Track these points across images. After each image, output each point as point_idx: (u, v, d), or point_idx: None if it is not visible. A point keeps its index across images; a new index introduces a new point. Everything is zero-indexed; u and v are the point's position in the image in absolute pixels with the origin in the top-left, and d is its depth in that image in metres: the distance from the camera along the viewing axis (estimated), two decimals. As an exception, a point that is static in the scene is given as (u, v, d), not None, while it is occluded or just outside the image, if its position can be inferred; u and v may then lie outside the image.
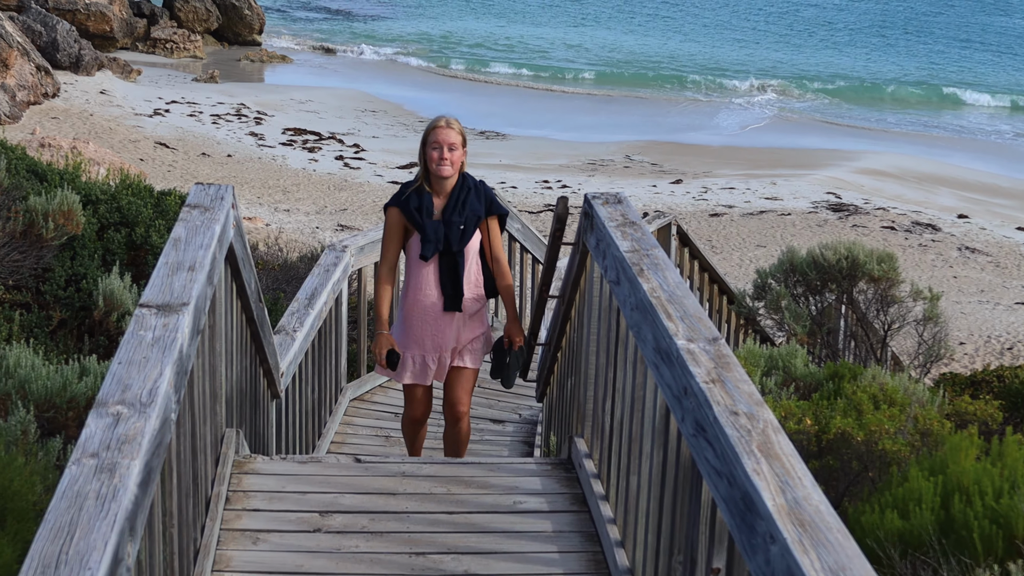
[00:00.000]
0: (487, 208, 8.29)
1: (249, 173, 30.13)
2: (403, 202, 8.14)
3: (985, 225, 29.07)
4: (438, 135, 8.06)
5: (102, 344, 9.35)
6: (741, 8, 61.95)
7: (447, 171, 8.05)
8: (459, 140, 8.13)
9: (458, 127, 8.20)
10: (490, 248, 8.38)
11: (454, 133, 8.10)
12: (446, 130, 8.08)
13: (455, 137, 8.10)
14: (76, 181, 11.59)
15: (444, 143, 8.04)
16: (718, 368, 4.24)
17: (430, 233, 8.06)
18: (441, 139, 8.04)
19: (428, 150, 8.08)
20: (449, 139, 8.05)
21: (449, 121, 8.17)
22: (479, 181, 8.43)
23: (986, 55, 54.09)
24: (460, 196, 8.15)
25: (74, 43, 38.81)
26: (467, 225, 8.15)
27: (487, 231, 8.34)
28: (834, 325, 13.04)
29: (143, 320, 4.35)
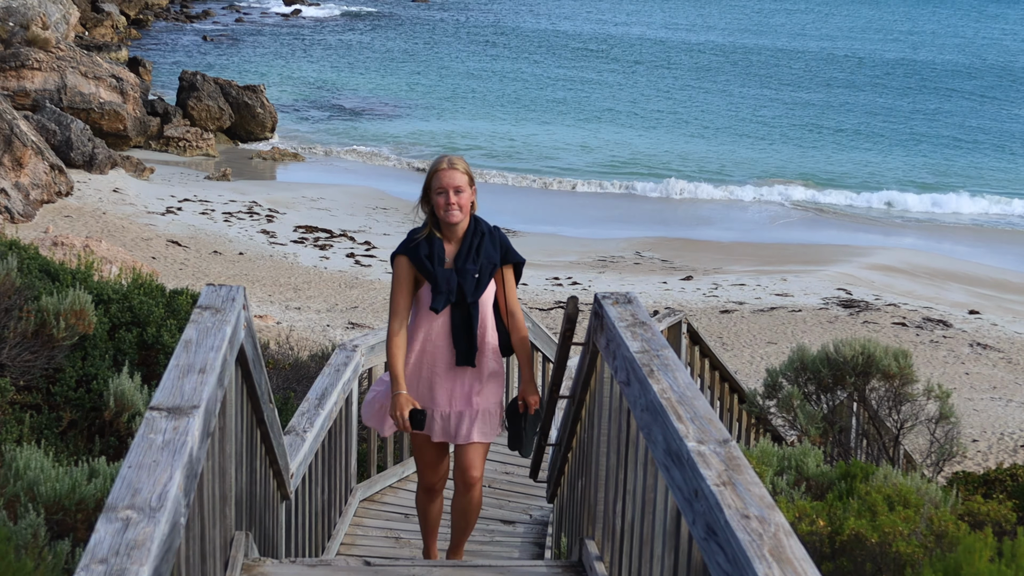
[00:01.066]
0: (503, 256, 7.80)
1: (260, 271, 30.22)
2: (412, 249, 7.63)
3: (996, 321, 29.03)
4: (442, 179, 7.59)
5: (112, 445, 9.34)
6: (747, 107, 62.33)
7: (456, 217, 7.58)
8: (466, 180, 7.65)
9: (463, 166, 7.70)
10: (505, 300, 7.87)
11: (459, 174, 7.62)
12: (450, 172, 7.59)
13: (461, 178, 7.62)
14: (88, 280, 11.63)
15: (450, 187, 7.56)
16: (729, 470, 4.23)
17: (442, 283, 7.57)
18: (446, 183, 7.56)
19: (433, 196, 7.63)
20: (455, 182, 7.57)
21: (452, 161, 7.67)
22: (493, 227, 7.89)
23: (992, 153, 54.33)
24: (474, 242, 7.68)
25: (88, 142, 39.11)
26: (482, 274, 7.65)
27: (502, 281, 7.84)
28: (846, 423, 12.99)
29: (153, 423, 4.35)
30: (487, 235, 7.75)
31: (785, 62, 78.50)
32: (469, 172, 7.72)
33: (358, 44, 79.05)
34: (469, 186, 7.67)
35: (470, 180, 7.69)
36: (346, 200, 39.63)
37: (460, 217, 7.61)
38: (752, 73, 73.46)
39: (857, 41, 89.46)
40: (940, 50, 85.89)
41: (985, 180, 48.16)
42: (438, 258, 7.59)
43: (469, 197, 7.66)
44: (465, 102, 61.06)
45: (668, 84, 68.74)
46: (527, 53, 78.86)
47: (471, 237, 7.68)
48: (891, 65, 78.42)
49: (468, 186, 7.65)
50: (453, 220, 7.58)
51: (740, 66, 76.00)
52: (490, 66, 72.98)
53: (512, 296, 7.93)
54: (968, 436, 20.08)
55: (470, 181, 7.69)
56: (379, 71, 68.69)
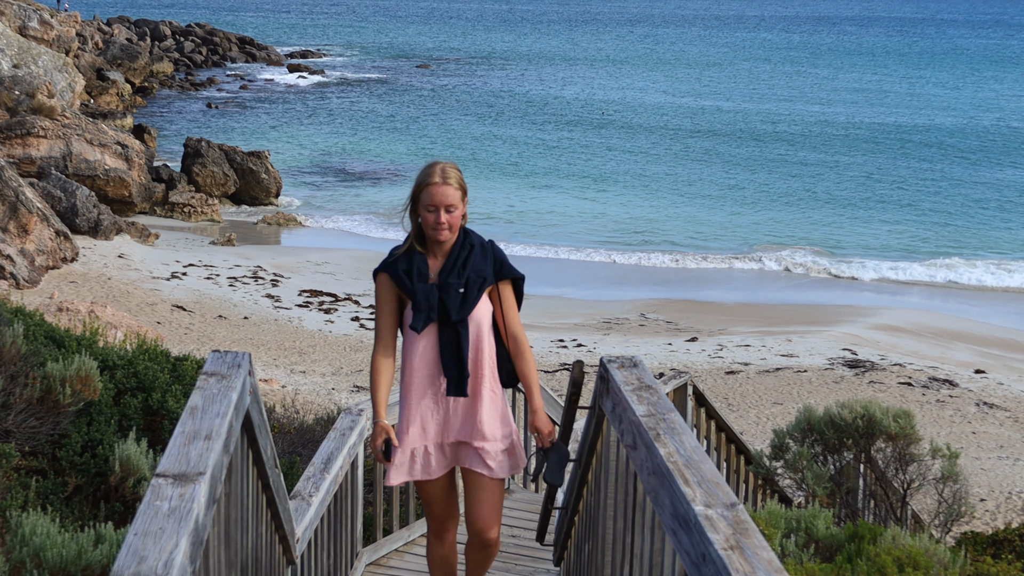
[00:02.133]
0: (496, 270, 7.08)
1: (265, 335, 30.25)
2: (391, 265, 6.99)
3: (1003, 380, 28.99)
4: (433, 195, 6.88)
5: (118, 510, 9.32)
6: (746, 173, 62.56)
7: (446, 236, 6.92)
8: (459, 196, 6.94)
9: (456, 178, 6.96)
10: (504, 321, 7.13)
11: (452, 190, 6.90)
12: (443, 187, 6.87)
13: (454, 195, 6.92)
14: (93, 346, 11.65)
15: (441, 204, 6.87)
16: (736, 534, 4.22)
17: (421, 299, 6.88)
18: (438, 200, 6.86)
19: (421, 211, 6.92)
20: (447, 199, 6.88)
21: (446, 172, 6.95)
22: (488, 240, 7.18)
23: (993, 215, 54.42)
24: (460, 255, 6.99)
25: (93, 208, 39.26)
26: (469, 289, 6.94)
27: (499, 300, 7.11)
28: (853, 484, 12.95)
29: (159, 490, 4.35)
30: (477, 248, 7.05)
31: (785, 127, 78.81)
32: (463, 184, 7.02)
33: (362, 110, 79.47)
34: (462, 201, 6.98)
35: (463, 193, 7.01)
36: (350, 264, 39.71)
37: (450, 236, 6.97)
38: (753, 138, 73.73)
39: (858, 106, 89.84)
40: (938, 114, 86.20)
41: (987, 243, 48.18)
42: (418, 273, 6.95)
43: (460, 213, 6.98)
44: (468, 166, 61.29)
45: (670, 149, 68.99)
46: (528, 118, 79.21)
47: (458, 250, 7.01)
48: (890, 129, 78.70)
49: (461, 201, 6.97)
50: (442, 239, 6.93)
51: (740, 131, 76.30)
52: (492, 130, 73.30)
53: (512, 316, 7.17)
54: (976, 496, 20.01)
55: (463, 195, 7.01)
56: (382, 136, 69.03)
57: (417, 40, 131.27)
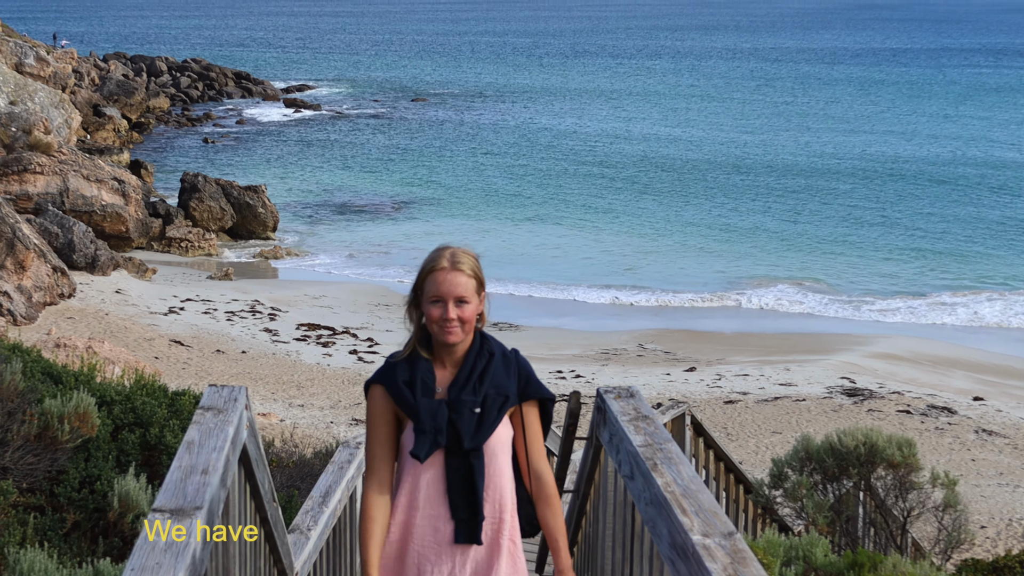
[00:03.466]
0: (522, 387, 5.67)
1: (263, 369, 30.24)
2: (388, 375, 5.58)
3: (1001, 407, 28.99)
4: (440, 283, 5.54)
5: (116, 546, 9.30)
6: (737, 211, 62.69)
7: (456, 336, 5.52)
8: (472, 287, 5.58)
9: (471, 266, 5.61)
10: (527, 451, 5.76)
11: (464, 278, 5.55)
12: (452, 275, 5.54)
13: (466, 284, 5.57)
14: (91, 382, 11.64)
15: (449, 296, 5.52)
16: (734, 563, 4.22)
17: (425, 418, 5.49)
18: (445, 290, 5.53)
19: (426, 304, 5.57)
20: (457, 290, 5.54)
21: (456, 258, 5.62)
22: (511, 350, 5.75)
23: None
24: (477, 365, 5.58)
25: (90, 244, 39.29)
26: (487, 409, 5.53)
27: (522, 424, 5.71)
28: (852, 512, 12.94)
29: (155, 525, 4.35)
30: (498, 357, 5.64)
31: (780, 157, 78.97)
32: (478, 273, 5.65)
33: (358, 143, 79.64)
34: (476, 293, 5.59)
35: (478, 285, 5.63)
36: (348, 297, 39.73)
37: (461, 336, 5.55)
38: (744, 170, 73.88)
39: (858, 135, 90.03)
40: (929, 143, 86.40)
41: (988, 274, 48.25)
42: (423, 385, 5.54)
43: (476, 308, 5.58)
44: (465, 200, 61.38)
45: (661, 180, 69.12)
46: (522, 150, 79.35)
47: (474, 359, 5.60)
48: (884, 160, 78.86)
49: (475, 294, 5.58)
50: (451, 340, 5.52)
51: (732, 163, 76.44)
52: (486, 161, 73.43)
53: (537, 448, 5.78)
54: (976, 523, 19.99)
55: (478, 286, 5.63)
56: (379, 170, 69.17)
57: (412, 73, 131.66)
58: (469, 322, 5.52)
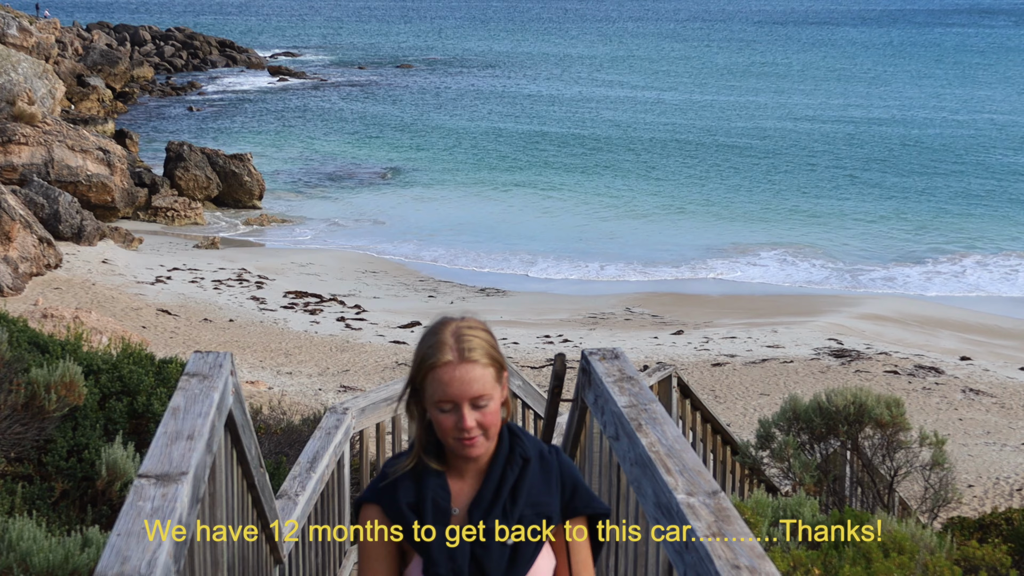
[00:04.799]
0: (567, 499, 4.29)
1: (251, 337, 30.22)
2: (387, 494, 4.20)
3: (988, 366, 29.06)
4: (448, 384, 4.05)
5: (105, 514, 9.31)
6: (731, 183, 62.68)
7: (479, 450, 4.13)
8: (490, 378, 4.09)
9: (483, 349, 4.10)
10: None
11: (479, 370, 4.07)
12: (462, 368, 4.05)
13: (482, 379, 4.07)
14: (78, 352, 11.63)
15: (463, 398, 4.06)
16: (718, 521, 4.23)
17: (440, 558, 4.12)
18: (456, 392, 4.05)
19: (433, 410, 4.11)
20: (471, 389, 4.06)
21: (464, 343, 4.09)
22: (550, 448, 4.36)
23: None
24: (507, 476, 4.21)
25: (76, 214, 39.18)
26: (524, 541, 4.18)
27: (566, 550, 4.31)
28: (840, 472, 12.98)
29: (142, 490, 4.35)
30: (534, 463, 4.26)
31: (765, 123, 78.91)
32: (495, 355, 4.14)
33: (343, 111, 79.41)
34: (497, 383, 4.12)
35: (497, 371, 4.13)
36: (335, 264, 39.68)
37: (485, 446, 4.16)
38: (733, 137, 73.82)
39: (833, 98, 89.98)
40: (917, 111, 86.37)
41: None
42: (434, 508, 4.17)
43: (498, 404, 4.14)
44: (450, 166, 61.25)
45: (663, 154, 69.03)
46: (508, 117, 79.19)
47: (502, 468, 4.22)
48: (871, 124, 78.84)
49: (495, 385, 4.11)
50: (474, 454, 4.14)
51: (722, 129, 76.39)
52: (470, 127, 73.26)
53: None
54: (963, 482, 20.06)
55: (497, 373, 4.13)
56: (365, 137, 68.98)
57: (397, 40, 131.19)
58: (492, 425, 4.07)
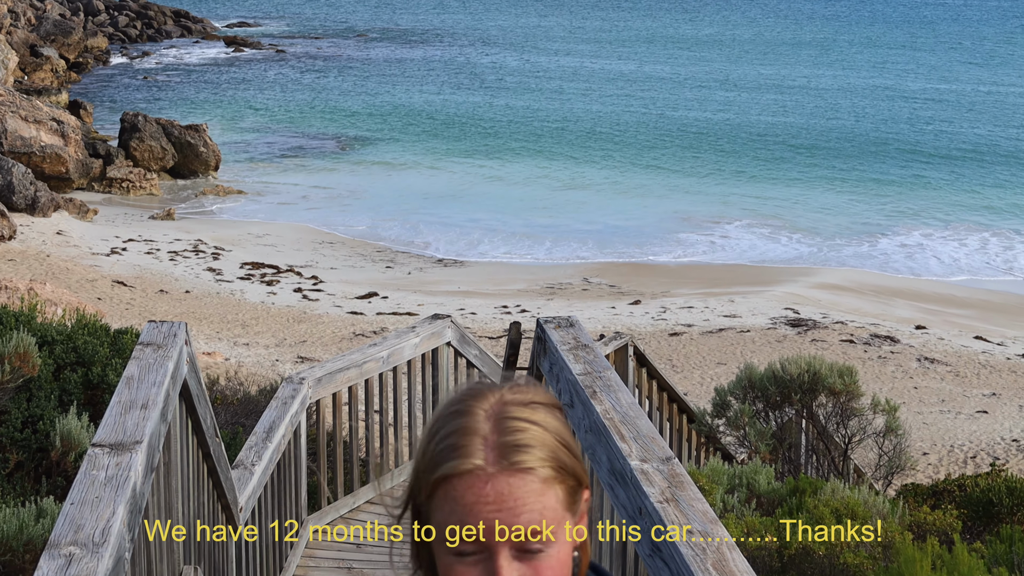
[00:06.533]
0: None
1: (208, 308, 30.12)
2: None
3: (943, 335, 29.27)
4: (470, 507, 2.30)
5: (60, 485, 9.28)
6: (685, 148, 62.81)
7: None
8: (553, 503, 2.32)
9: (544, 449, 2.33)
10: None
11: (533, 486, 2.31)
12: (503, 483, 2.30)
13: (535, 502, 2.31)
14: (32, 323, 11.57)
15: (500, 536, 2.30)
16: (672, 487, 4.26)
17: None
18: (486, 524, 2.29)
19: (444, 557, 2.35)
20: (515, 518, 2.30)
21: (509, 436, 2.32)
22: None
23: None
24: None
25: (29, 185, 38.91)
26: None
27: None
28: (795, 440, 13.07)
29: (96, 459, 4.35)
30: None
31: (723, 93, 79.08)
32: (568, 463, 2.37)
33: (299, 81, 79.07)
34: (566, 511, 2.37)
35: (568, 491, 2.37)
36: (292, 236, 39.57)
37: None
38: (691, 109, 73.96)
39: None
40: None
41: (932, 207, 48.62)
42: None
43: (566, 553, 2.37)
44: (410, 137, 61.11)
45: (621, 118, 69.09)
46: (473, 86, 79.07)
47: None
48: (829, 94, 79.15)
49: (563, 515, 2.36)
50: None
51: (681, 103, 76.52)
52: (431, 99, 73.12)
53: None
54: (918, 449, 20.23)
55: (569, 494, 2.37)
56: (322, 108, 68.71)
57: (353, 10, 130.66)
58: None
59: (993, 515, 9.58)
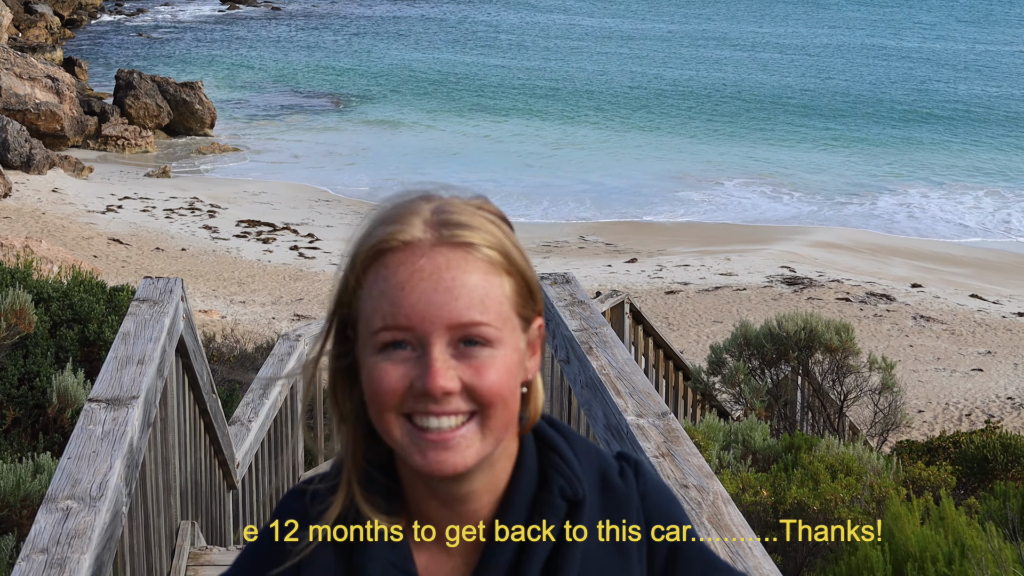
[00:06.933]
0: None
1: (204, 266, 30.10)
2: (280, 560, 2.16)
3: (939, 294, 29.30)
4: (402, 285, 2.03)
5: (57, 441, 9.30)
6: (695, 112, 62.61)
7: (457, 457, 2.03)
8: (498, 295, 2.04)
9: (488, 235, 2.06)
10: None
11: (475, 267, 2.03)
12: (441, 257, 2.03)
13: (477, 287, 2.02)
14: (28, 280, 11.56)
15: (436, 321, 2.01)
16: (667, 442, 4.27)
17: None
18: (420, 307, 2.01)
19: (371, 365, 2.06)
20: (454, 303, 2.01)
21: (449, 217, 2.06)
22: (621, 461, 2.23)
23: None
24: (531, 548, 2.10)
25: (24, 143, 38.82)
26: None
27: None
28: (790, 397, 13.10)
29: (92, 414, 4.35)
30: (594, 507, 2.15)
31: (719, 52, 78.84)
32: (516, 260, 2.08)
33: (297, 39, 78.79)
34: (513, 313, 2.07)
35: (518, 289, 2.08)
36: (288, 193, 39.50)
37: (476, 452, 2.05)
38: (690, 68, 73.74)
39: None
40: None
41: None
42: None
43: (514, 360, 2.07)
44: (405, 95, 60.95)
45: (608, 76, 68.89)
46: (468, 44, 78.83)
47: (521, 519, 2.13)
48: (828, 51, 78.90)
49: (509, 316, 2.06)
50: (448, 465, 2.05)
51: (673, 63, 76.29)
52: (427, 56, 72.88)
53: None
54: (914, 407, 20.28)
55: (519, 294, 2.08)
56: (318, 65, 68.47)
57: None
58: (499, 403, 2.05)
59: (988, 472, 9.63)
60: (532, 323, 2.11)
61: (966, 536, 5.50)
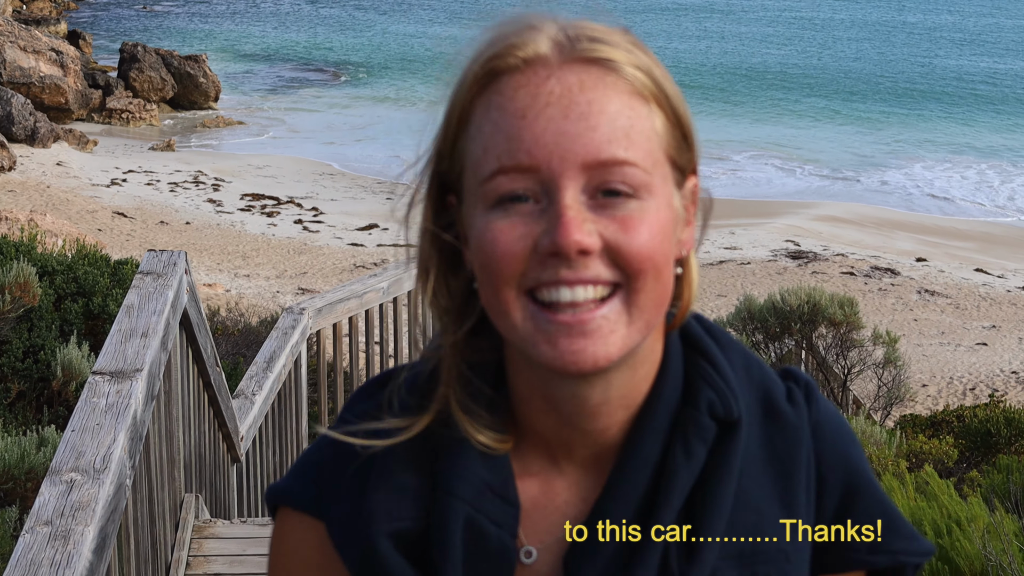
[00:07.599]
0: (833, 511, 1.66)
1: (208, 240, 30.11)
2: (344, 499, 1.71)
3: (944, 268, 29.28)
4: (524, 113, 1.54)
5: (61, 414, 9.32)
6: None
7: (596, 344, 1.53)
8: (646, 131, 1.56)
9: (632, 57, 1.57)
10: None
11: (617, 94, 1.55)
12: (572, 77, 1.54)
13: (619, 117, 1.54)
14: (32, 253, 11.57)
15: (569, 158, 1.52)
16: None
17: None
18: (548, 138, 1.52)
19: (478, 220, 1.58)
20: (592, 135, 1.52)
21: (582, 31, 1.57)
22: (788, 382, 1.72)
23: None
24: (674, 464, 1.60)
25: (29, 116, 38.80)
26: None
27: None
28: (794, 371, 13.09)
29: (96, 387, 4.36)
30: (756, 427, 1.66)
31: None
32: (667, 90, 1.60)
33: (301, 11, 78.66)
34: (664, 157, 1.61)
35: (670, 126, 1.61)
36: (292, 167, 39.47)
37: (620, 341, 1.56)
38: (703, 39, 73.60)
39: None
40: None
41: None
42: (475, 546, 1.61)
43: (667, 215, 1.63)
44: (409, 65, 60.86)
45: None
46: (468, 15, 78.63)
47: (663, 436, 1.63)
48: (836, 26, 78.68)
49: (659, 162, 1.60)
50: (583, 355, 1.53)
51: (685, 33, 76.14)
52: (429, 30, 72.76)
53: None
54: (918, 381, 20.28)
55: (669, 131, 1.61)
56: (322, 37, 68.38)
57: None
58: (647, 270, 1.58)
59: (991, 445, 9.63)
60: (687, 179, 1.69)
61: (952, 508, 5.51)
